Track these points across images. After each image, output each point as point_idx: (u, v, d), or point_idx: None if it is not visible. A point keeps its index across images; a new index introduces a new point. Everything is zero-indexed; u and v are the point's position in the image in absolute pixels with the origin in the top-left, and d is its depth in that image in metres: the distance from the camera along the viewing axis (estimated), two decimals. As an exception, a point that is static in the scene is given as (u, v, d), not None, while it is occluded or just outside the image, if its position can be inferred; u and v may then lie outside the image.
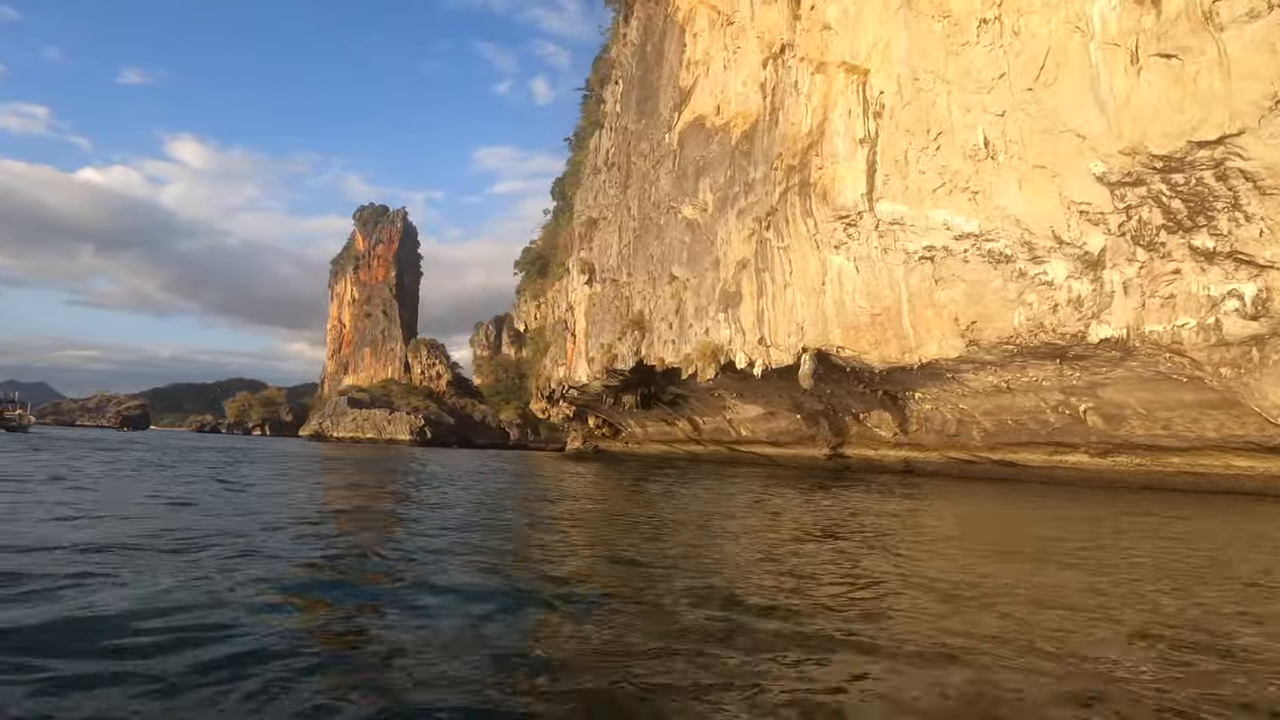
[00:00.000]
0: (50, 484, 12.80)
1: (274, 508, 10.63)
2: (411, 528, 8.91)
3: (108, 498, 10.99)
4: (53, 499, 10.43)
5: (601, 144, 37.49)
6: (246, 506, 10.55)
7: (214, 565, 5.53)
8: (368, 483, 18.06)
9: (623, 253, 33.33)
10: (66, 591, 4.56)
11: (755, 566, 6.64)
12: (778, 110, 25.29)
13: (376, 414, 77.11)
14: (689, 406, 39.78)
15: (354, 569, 5.80)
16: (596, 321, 34.62)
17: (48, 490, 11.66)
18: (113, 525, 7.91)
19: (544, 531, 9.14)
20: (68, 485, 12.76)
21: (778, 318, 24.53)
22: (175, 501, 10.82)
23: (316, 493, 14.36)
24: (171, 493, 12.12)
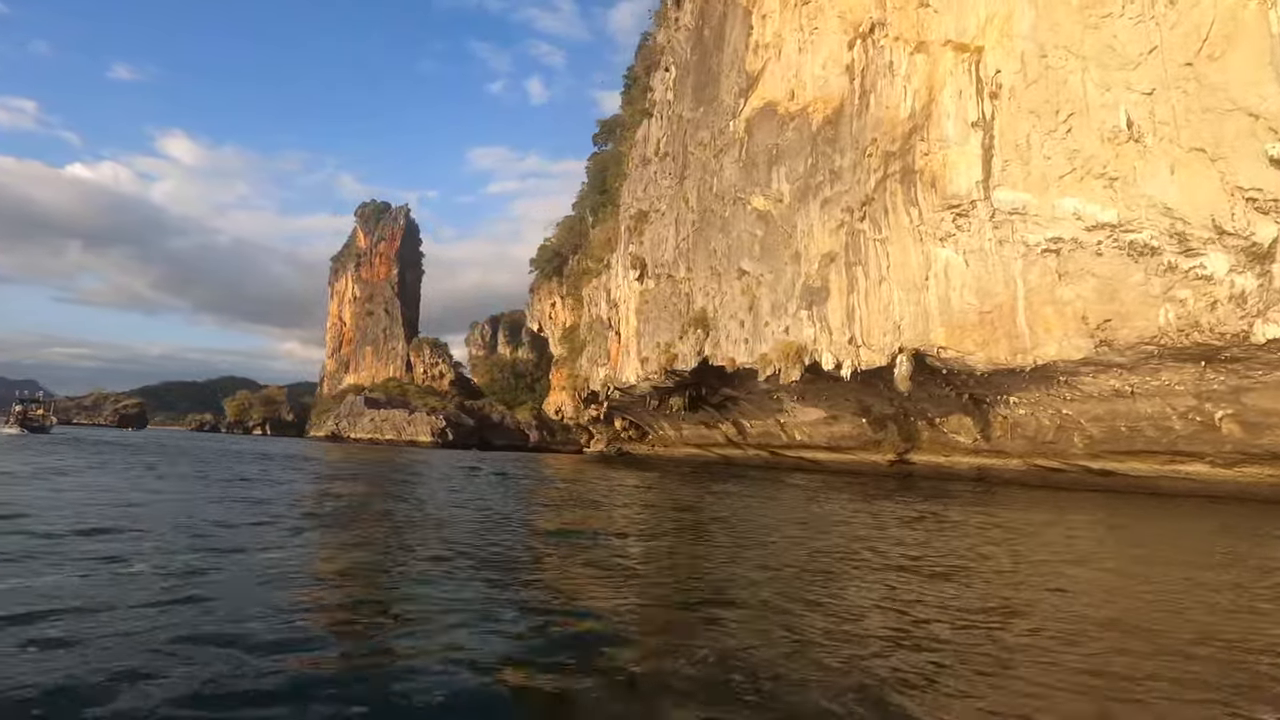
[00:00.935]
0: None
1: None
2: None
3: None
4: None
5: (651, 134, 35.74)
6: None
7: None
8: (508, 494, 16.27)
9: (680, 247, 31.58)
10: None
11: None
12: (868, 93, 23.61)
13: (395, 414, 74.85)
14: (737, 409, 38.07)
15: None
16: (650, 319, 32.85)
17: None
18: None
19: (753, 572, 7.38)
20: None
21: (871, 315, 22.84)
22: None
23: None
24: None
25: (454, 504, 13.84)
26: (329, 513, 11.56)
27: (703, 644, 4.18)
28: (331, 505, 12.77)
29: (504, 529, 10.00)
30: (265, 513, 10.64)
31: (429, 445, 68.87)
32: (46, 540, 7.16)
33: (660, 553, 8.63)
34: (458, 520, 10.93)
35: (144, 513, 10.20)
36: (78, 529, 7.97)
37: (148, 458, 26.31)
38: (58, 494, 12.33)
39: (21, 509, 9.44)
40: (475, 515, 11.75)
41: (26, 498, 11.39)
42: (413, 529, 9.62)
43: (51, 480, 15.10)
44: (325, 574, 6.36)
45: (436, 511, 12.12)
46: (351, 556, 7.37)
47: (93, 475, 17.53)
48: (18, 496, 11.55)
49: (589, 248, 64.79)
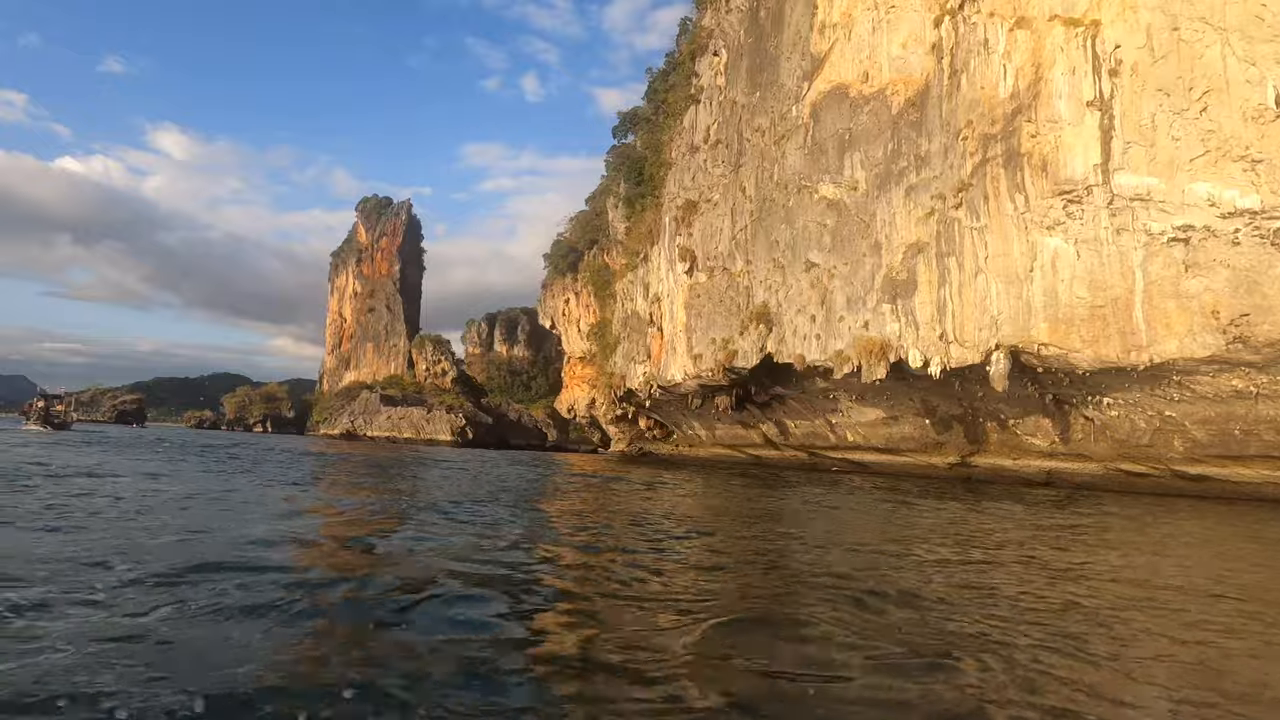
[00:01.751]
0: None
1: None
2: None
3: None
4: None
5: (699, 120, 34.20)
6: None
7: None
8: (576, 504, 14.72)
9: (737, 238, 30.07)
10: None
11: None
12: (959, 73, 22.16)
13: (413, 412, 72.89)
14: (782, 409, 36.63)
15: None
16: (703, 315, 31.33)
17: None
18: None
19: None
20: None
21: (965, 310, 21.39)
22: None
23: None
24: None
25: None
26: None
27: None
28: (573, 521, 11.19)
29: (675, 556, 8.45)
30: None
31: (449, 444, 67.04)
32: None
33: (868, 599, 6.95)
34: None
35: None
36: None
37: (205, 458, 24.69)
38: (241, 511, 10.28)
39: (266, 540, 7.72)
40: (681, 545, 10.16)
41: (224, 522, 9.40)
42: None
43: (175, 488, 13.24)
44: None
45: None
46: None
47: (198, 479, 15.82)
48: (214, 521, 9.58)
49: (624, 241, 63.28)
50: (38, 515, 8.82)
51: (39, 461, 19.36)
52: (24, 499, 10.60)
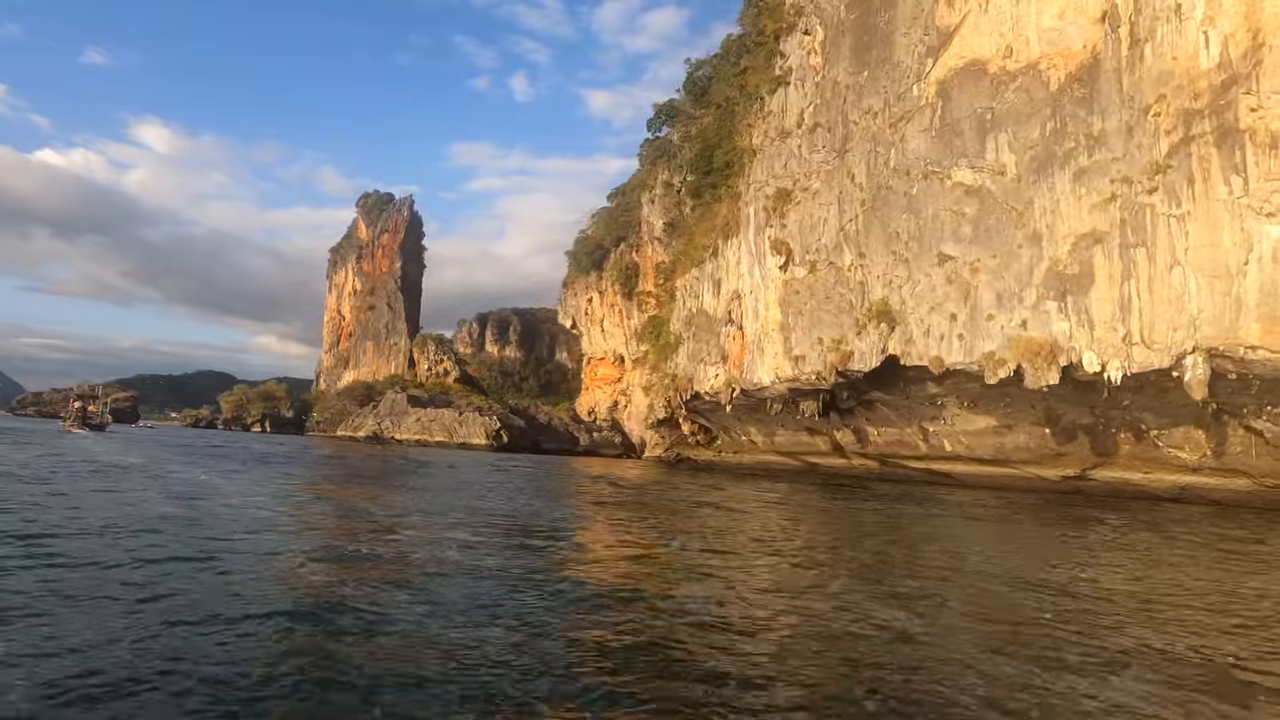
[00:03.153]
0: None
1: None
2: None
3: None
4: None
5: (789, 104, 31.68)
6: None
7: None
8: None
9: (845, 229, 27.56)
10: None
11: None
12: (1141, 43, 19.79)
13: (445, 414, 69.43)
14: (866, 415, 34.19)
15: None
16: (804, 313, 28.78)
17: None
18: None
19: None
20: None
21: (1155, 307, 19.00)
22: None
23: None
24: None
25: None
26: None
27: None
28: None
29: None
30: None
31: (484, 448, 63.97)
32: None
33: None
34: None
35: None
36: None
37: (253, 464, 21.97)
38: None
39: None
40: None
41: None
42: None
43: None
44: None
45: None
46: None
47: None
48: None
49: (661, 237, 60.62)
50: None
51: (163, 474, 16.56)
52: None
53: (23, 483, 15.25)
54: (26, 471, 18.23)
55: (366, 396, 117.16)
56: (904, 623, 6.34)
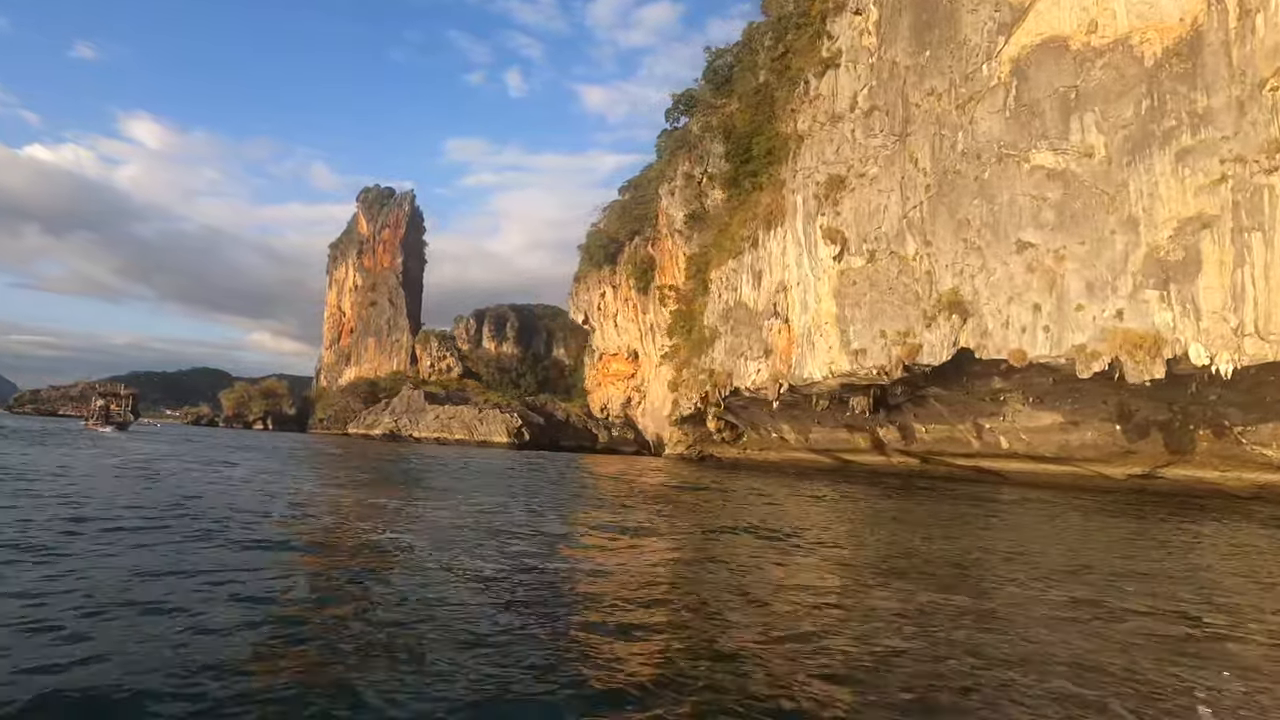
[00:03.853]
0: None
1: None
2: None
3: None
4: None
5: (840, 86, 30.32)
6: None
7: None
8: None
9: (909, 216, 26.26)
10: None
11: None
12: (1252, 14, 18.54)
13: (464, 411, 67.60)
14: (915, 412, 32.96)
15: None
16: (863, 304, 27.47)
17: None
18: None
19: None
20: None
21: (1273, 296, 17.78)
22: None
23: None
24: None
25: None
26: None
27: None
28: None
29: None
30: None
31: (505, 446, 62.38)
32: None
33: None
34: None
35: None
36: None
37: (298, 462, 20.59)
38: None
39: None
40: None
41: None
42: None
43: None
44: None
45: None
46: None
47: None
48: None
49: (683, 229, 59.20)
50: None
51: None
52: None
53: (152, 488, 14.07)
54: (133, 474, 17.06)
55: (371, 394, 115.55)
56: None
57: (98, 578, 6.26)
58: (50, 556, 7.03)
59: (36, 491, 12.23)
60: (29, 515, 9.40)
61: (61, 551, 7.32)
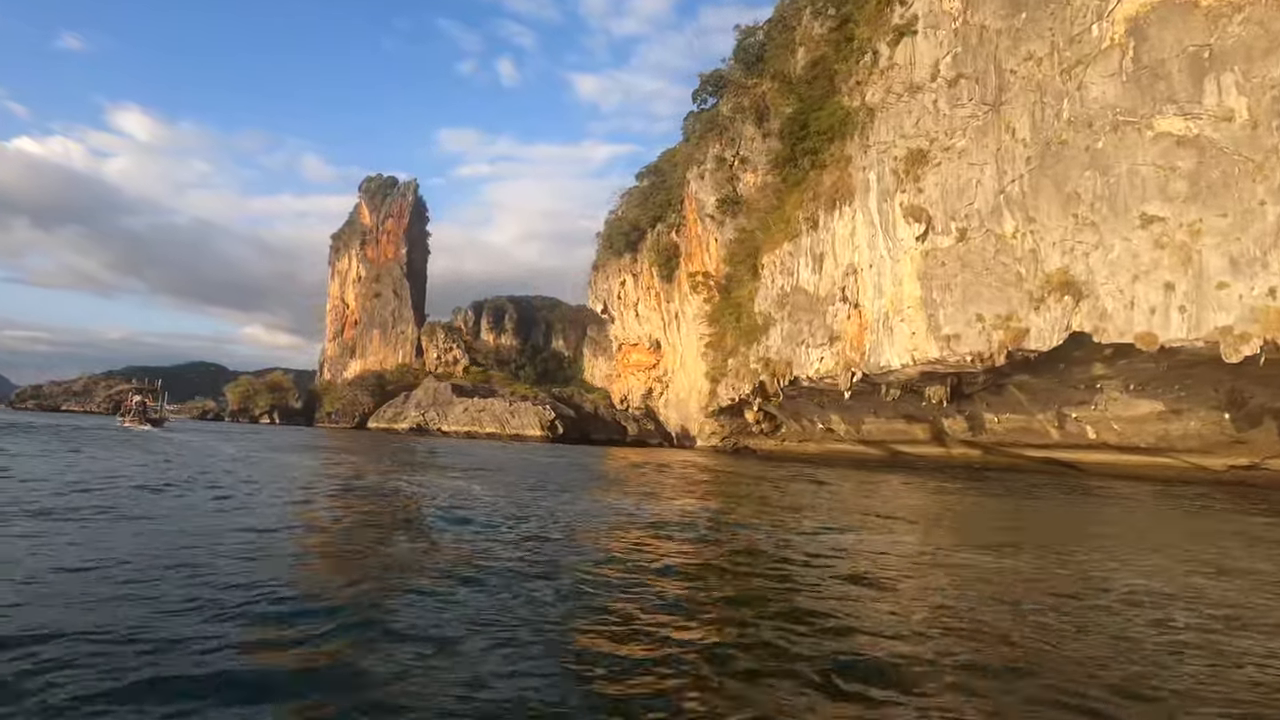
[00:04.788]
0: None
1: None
2: None
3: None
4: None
5: (917, 54, 28.42)
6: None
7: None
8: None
9: (1006, 191, 24.43)
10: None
11: None
12: None
13: (495, 404, 65.37)
14: (988, 401, 31.28)
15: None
16: (953, 287, 25.68)
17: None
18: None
19: None
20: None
21: None
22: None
23: None
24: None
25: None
26: None
27: None
28: None
29: None
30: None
31: (538, 440, 60.44)
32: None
33: None
34: None
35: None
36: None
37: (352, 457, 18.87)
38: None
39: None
40: None
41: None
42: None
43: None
44: None
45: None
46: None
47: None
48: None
49: (710, 214, 57.27)
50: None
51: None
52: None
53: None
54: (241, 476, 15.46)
55: (379, 387, 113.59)
56: None
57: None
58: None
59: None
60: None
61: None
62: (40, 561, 6.33)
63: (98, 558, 6.57)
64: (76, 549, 6.99)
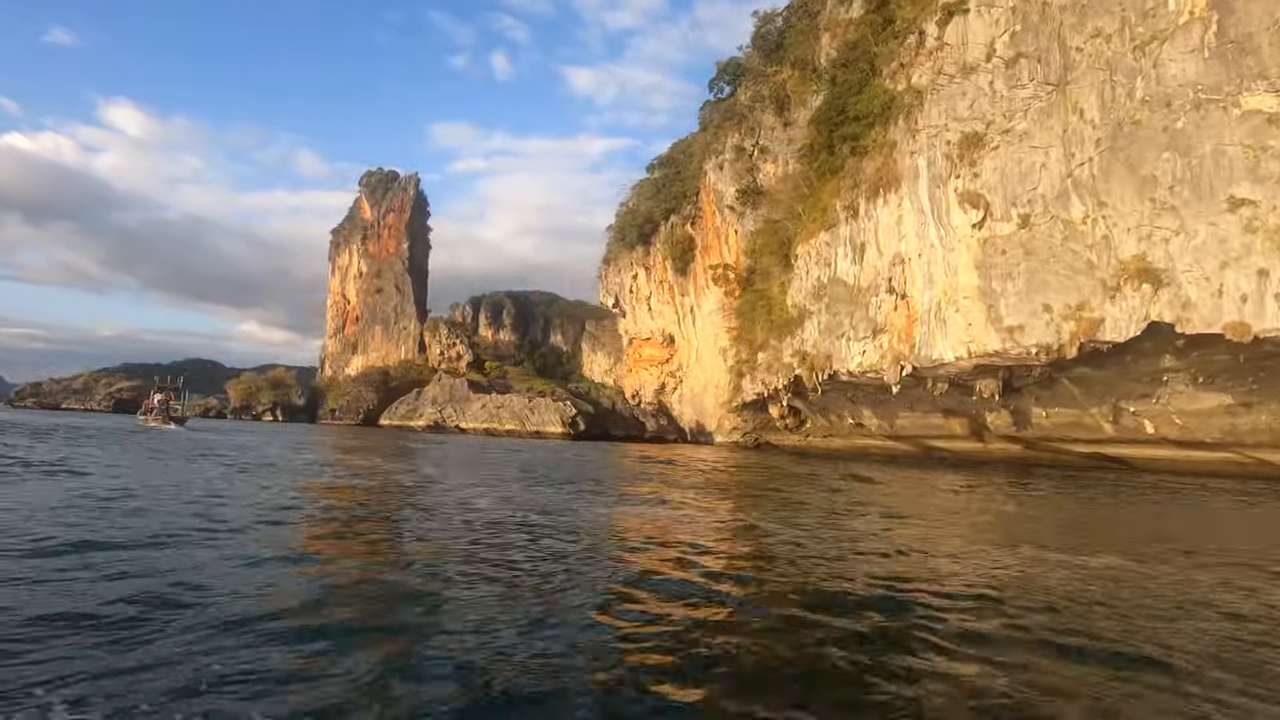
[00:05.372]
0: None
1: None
2: None
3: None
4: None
5: (969, 34, 27.23)
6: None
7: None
8: None
9: (1075, 175, 23.28)
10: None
11: None
12: None
13: (514, 400, 64.01)
14: (1037, 394, 30.20)
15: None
16: (1016, 276, 24.53)
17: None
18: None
19: None
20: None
21: None
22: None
23: None
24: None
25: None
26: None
27: None
28: None
29: None
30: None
31: (559, 437, 59.21)
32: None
33: None
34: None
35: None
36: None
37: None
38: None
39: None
40: None
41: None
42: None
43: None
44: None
45: None
46: None
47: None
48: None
49: (727, 203, 56.09)
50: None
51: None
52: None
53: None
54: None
55: (383, 383, 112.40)
56: None
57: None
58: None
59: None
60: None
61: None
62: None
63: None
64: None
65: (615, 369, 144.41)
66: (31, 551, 6.26)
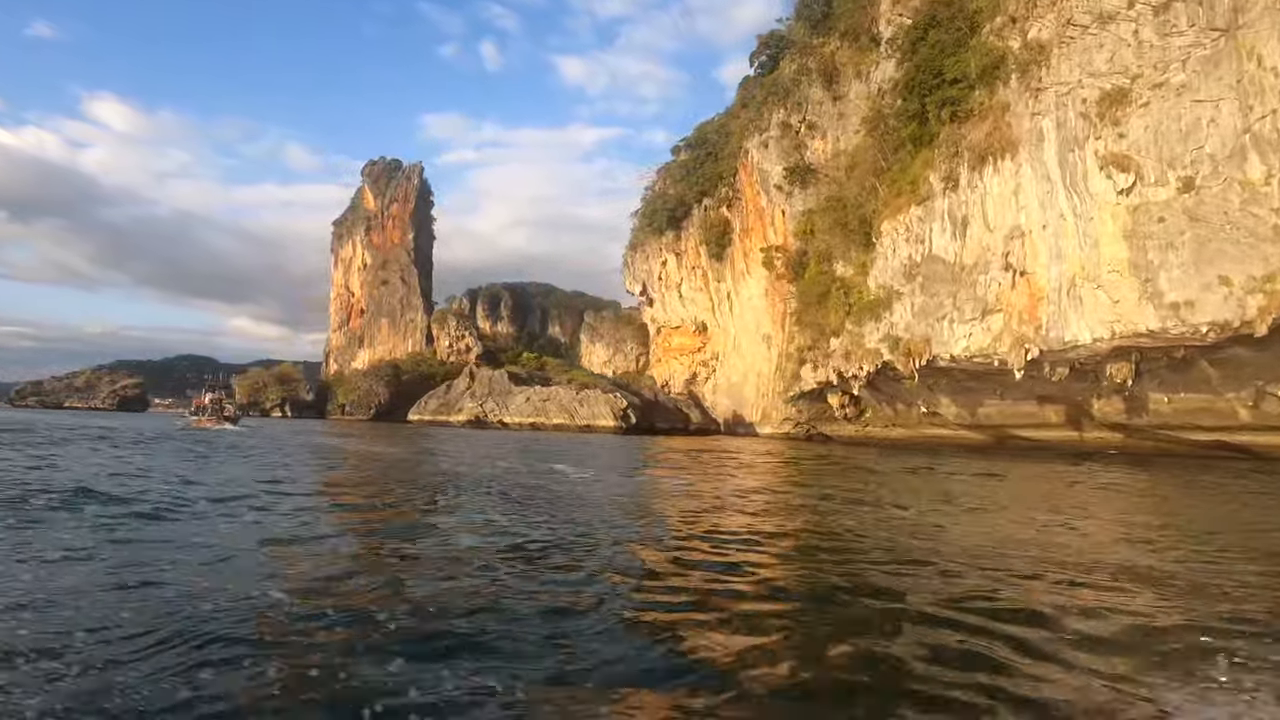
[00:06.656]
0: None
1: None
2: None
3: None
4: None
5: (1106, -21, 24.48)
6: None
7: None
8: None
9: (1254, 130, 20.63)
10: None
11: None
12: None
13: (561, 393, 61.00)
14: (1162, 380, 27.70)
15: None
16: (1180, 246, 21.90)
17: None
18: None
19: None
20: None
21: None
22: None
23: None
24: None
25: None
26: None
27: None
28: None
29: None
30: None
31: (611, 430, 56.42)
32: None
33: None
34: None
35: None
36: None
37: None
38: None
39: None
40: None
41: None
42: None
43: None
44: None
45: None
46: None
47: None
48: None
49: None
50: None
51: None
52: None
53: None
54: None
55: (394, 377, 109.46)
56: None
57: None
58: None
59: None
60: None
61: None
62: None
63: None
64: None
65: (614, 360, 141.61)
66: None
